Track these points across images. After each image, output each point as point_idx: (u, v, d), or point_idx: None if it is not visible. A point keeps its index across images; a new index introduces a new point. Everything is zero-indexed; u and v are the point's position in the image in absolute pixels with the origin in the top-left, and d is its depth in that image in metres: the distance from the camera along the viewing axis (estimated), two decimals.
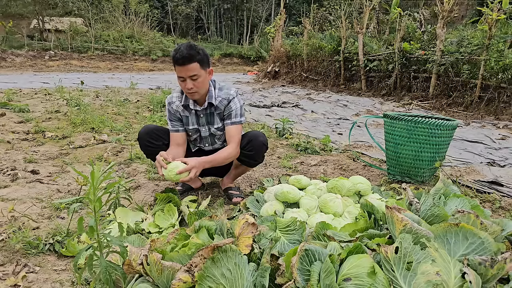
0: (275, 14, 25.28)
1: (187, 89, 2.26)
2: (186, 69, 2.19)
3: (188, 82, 2.23)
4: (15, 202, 2.41)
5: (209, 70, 2.34)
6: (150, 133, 2.49)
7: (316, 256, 1.34)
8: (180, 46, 2.21)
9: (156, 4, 25.28)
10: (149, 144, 2.50)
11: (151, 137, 2.49)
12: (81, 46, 18.44)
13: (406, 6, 17.39)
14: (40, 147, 3.88)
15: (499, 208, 2.55)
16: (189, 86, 2.24)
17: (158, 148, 2.48)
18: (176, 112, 2.49)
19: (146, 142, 2.50)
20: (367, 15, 10.01)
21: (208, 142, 2.61)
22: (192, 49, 2.18)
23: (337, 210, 2.14)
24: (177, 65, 2.20)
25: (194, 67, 2.20)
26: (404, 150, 2.93)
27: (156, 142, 2.50)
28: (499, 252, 1.36)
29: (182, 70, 2.20)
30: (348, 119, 6.27)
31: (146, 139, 2.49)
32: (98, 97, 7.58)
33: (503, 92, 6.52)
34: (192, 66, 2.19)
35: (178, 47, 2.21)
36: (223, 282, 1.24)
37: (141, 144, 2.54)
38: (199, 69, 2.22)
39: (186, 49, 2.16)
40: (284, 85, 11.74)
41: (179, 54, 2.16)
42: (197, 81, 2.25)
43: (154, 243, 1.46)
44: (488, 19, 6.50)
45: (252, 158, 2.50)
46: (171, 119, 2.51)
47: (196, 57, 2.18)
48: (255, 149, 2.45)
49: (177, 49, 2.19)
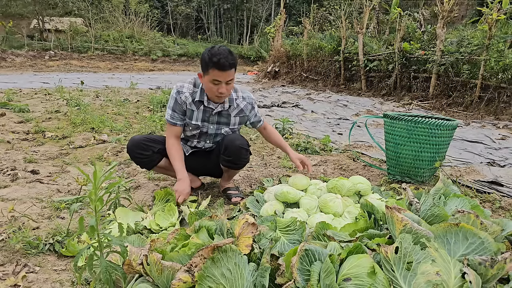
0: (275, 14, 25.28)
1: (220, 93, 2.26)
2: (227, 75, 2.20)
3: (223, 87, 2.24)
4: (15, 202, 2.41)
5: None
6: (138, 145, 2.45)
7: (316, 256, 1.34)
8: (219, 50, 2.17)
9: (156, 4, 25.27)
10: (139, 156, 2.47)
11: (139, 148, 2.45)
12: (81, 46, 18.43)
13: (406, 6, 17.39)
14: (40, 147, 3.88)
15: (499, 208, 2.55)
16: (223, 90, 2.25)
17: (149, 158, 2.48)
18: (183, 103, 2.41)
19: (136, 154, 2.47)
20: (367, 15, 10.01)
21: (210, 139, 2.58)
22: (233, 55, 2.22)
23: (337, 210, 2.14)
24: (219, 69, 2.16)
25: (232, 73, 2.24)
26: (404, 150, 2.93)
27: (146, 152, 2.46)
28: (499, 252, 1.36)
29: (223, 75, 2.19)
30: (348, 119, 6.27)
31: (135, 151, 2.46)
32: (98, 97, 7.58)
33: (503, 92, 6.52)
34: (232, 72, 2.23)
35: (217, 51, 2.17)
36: (223, 282, 1.24)
37: (131, 157, 2.52)
38: (233, 74, 2.27)
39: (230, 55, 2.19)
40: (284, 85, 11.74)
41: (224, 60, 2.14)
42: (230, 85, 2.29)
43: (154, 243, 1.46)
44: (488, 19, 6.50)
45: (233, 162, 2.48)
46: (174, 109, 2.42)
47: (236, 63, 2.24)
48: (233, 153, 2.42)
49: (217, 53, 2.15)
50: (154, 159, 2.52)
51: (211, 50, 2.20)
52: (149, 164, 2.55)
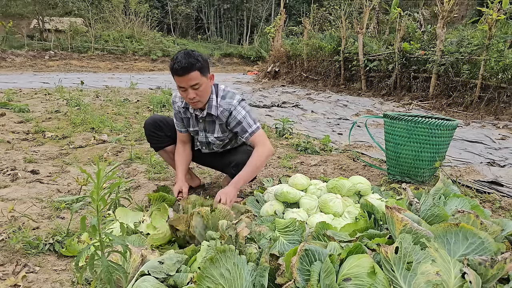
0: (275, 14, 25.27)
1: (190, 99, 2.17)
2: (187, 79, 2.08)
3: (190, 92, 2.13)
4: (15, 202, 2.41)
5: (210, 75, 2.22)
6: (154, 123, 2.58)
7: (316, 256, 1.34)
8: (177, 55, 2.10)
9: (156, 4, 25.27)
10: (152, 134, 2.59)
11: (154, 127, 2.57)
12: (81, 46, 18.42)
13: (406, 6, 17.39)
14: (40, 147, 3.88)
15: (499, 208, 2.55)
16: (192, 96, 2.14)
17: (160, 138, 2.60)
18: (178, 112, 2.49)
19: (149, 132, 2.59)
20: (367, 15, 10.01)
21: (205, 146, 2.58)
22: (191, 57, 2.07)
23: (337, 210, 2.14)
24: (177, 75, 2.09)
25: (195, 76, 2.09)
26: (404, 150, 2.93)
27: (159, 132, 2.58)
28: (499, 252, 1.36)
29: (183, 80, 2.09)
30: (348, 119, 6.27)
31: (150, 128, 2.59)
32: (98, 97, 7.58)
33: (503, 92, 6.52)
34: (193, 75, 2.08)
35: (175, 56, 2.11)
36: (222, 282, 1.24)
37: (146, 133, 2.64)
38: (200, 77, 2.11)
39: (185, 58, 2.05)
40: (284, 85, 11.74)
41: (177, 65, 2.05)
42: (199, 89, 2.14)
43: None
44: (488, 19, 6.50)
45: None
46: (175, 118, 2.54)
47: (196, 65, 2.07)
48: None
49: (175, 59, 2.09)
50: (164, 141, 2.63)
51: (173, 56, 2.13)
52: (158, 145, 2.65)
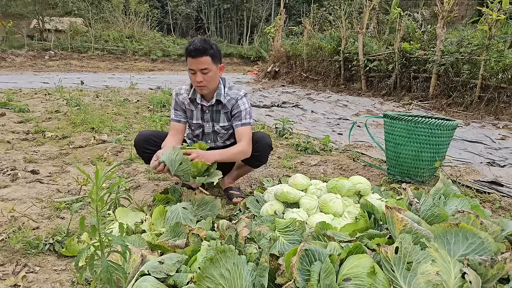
0: (275, 14, 25.26)
1: (197, 82, 2.29)
2: (198, 62, 2.22)
3: (198, 75, 2.26)
4: (15, 202, 2.41)
5: (220, 66, 2.38)
6: (147, 139, 2.51)
7: (316, 256, 1.34)
8: (195, 39, 2.26)
9: (156, 4, 25.26)
10: (146, 150, 2.51)
11: (148, 143, 2.51)
12: (81, 46, 18.41)
13: (406, 6, 17.37)
14: (40, 147, 3.88)
15: (499, 208, 2.55)
16: (199, 79, 2.27)
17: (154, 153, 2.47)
18: (182, 104, 2.53)
19: (143, 148, 2.52)
20: (367, 15, 10.00)
21: (210, 138, 2.62)
22: (206, 43, 2.23)
23: (337, 210, 2.14)
24: (190, 57, 2.23)
25: (206, 61, 2.23)
26: (404, 150, 2.93)
27: (153, 148, 2.49)
28: (499, 252, 1.36)
29: (194, 62, 2.23)
30: (348, 119, 6.27)
31: (142, 145, 2.51)
32: (98, 97, 7.58)
33: (503, 92, 6.52)
34: (204, 59, 2.22)
35: (192, 40, 2.27)
36: (222, 283, 1.24)
37: (138, 151, 2.57)
38: (210, 63, 2.25)
39: (200, 42, 2.21)
40: (284, 85, 11.74)
41: (192, 46, 2.21)
42: (208, 75, 2.27)
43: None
44: (488, 19, 6.50)
45: (257, 159, 2.54)
46: (176, 108, 2.55)
47: (209, 50, 2.22)
48: (261, 150, 2.49)
49: (191, 42, 2.25)
50: None
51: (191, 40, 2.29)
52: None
